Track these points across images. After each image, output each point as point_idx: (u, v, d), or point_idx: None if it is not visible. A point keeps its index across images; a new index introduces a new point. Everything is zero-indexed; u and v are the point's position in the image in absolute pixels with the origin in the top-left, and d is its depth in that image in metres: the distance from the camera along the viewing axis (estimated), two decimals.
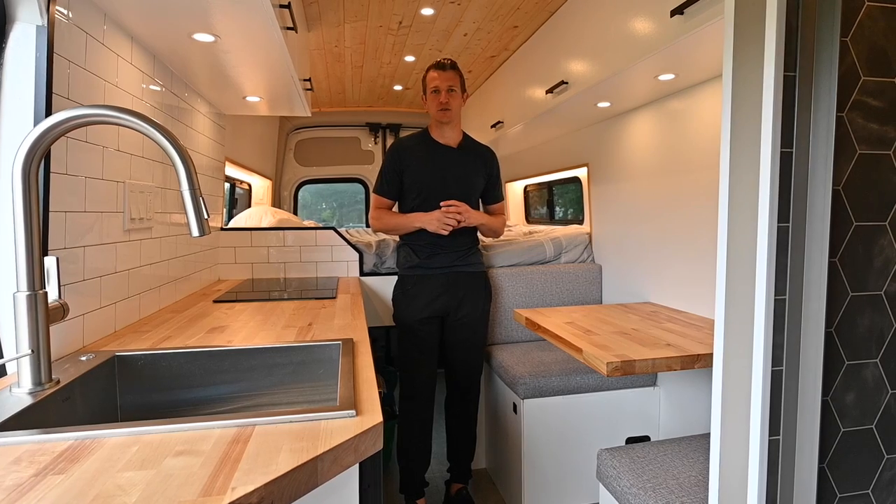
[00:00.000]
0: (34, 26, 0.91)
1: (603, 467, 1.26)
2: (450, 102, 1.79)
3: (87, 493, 0.52)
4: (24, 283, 0.76)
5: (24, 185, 0.75)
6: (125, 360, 1.00)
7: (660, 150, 1.92)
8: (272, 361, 1.08)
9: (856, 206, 0.69)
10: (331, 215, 4.66)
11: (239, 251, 2.16)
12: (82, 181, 1.05)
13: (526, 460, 1.76)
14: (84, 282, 1.06)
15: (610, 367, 1.22)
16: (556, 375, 1.78)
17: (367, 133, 4.25)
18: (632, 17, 1.52)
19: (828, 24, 0.64)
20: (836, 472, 0.70)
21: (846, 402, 0.70)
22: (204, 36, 1.31)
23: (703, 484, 1.11)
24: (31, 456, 0.60)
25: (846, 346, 0.70)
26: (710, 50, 1.37)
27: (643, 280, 2.04)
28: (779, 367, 0.68)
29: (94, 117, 0.77)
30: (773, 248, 0.66)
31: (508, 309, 2.19)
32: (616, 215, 2.24)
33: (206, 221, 0.83)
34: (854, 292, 0.70)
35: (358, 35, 2.48)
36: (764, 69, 0.66)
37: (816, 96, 0.65)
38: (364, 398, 0.78)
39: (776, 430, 0.67)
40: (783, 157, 0.66)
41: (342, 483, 0.69)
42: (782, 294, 0.67)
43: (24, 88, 0.91)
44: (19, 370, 0.78)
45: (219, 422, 0.68)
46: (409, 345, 1.83)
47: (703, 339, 1.42)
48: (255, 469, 0.57)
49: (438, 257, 1.84)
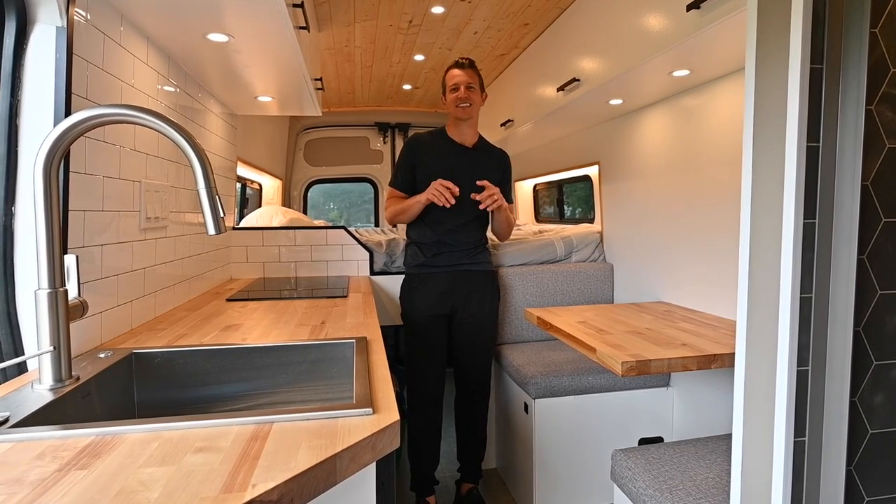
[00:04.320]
0: (54, 27, 0.92)
1: (618, 468, 1.24)
2: (470, 97, 1.79)
3: (111, 488, 0.52)
4: (45, 281, 0.77)
5: (45, 184, 0.76)
6: (142, 357, 1.01)
7: (673, 148, 1.90)
8: (286, 359, 1.08)
9: (885, 201, 0.67)
10: (339, 215, 4.67)
11: (251, 250, 2.18)
12: (100, 180, 1.06)
13: (537, 460, 1.75)
14: (101, 280, 1.07)
15: (625, 366, 1.21)
16: (568, 375, 1.77)
17: (377, 133, 4.26)
18: (646, 13, 1.50)
19: (856, 14, 0.62)
20: (863, 475, 0.69)
21: (874, 403, 0.68)
22: (218, 36, 1.32)
23: (721, 486, 1.09)
24: (54, 451, 0.60)
25: (874, 346, 0.68)
26: (727, 45, 1.35)
27: (656, 279, 2.02)
28: (804, 366, 0.66)
29: (112, 116, 0.77)
30: (799, 245, 0.64)
31: (518, 308, 2.18)
32: (628, 214, 2.22)
33: (222, 220, 0.84)
34: (883, 290, 0.68)
35: (368, 34, 2.49)
36: (790, 62, 0.64)
37: (844, 89, 0.63)
38: (380, 396, 0.78)
39: (802, 432, 0.66)
40: (809, 151, 0.64)
41: (360, 481, 0.69)
42: (808, 292, 0.66)
43: (44, 88, 0.92)
44: (40, 367, 0.79)
45: (237, 419, 0.68)
46: (416, 343, 1.83)
47: (719, 339, 1.40)
48: (274, 466, 0.57)
49: (444, 255, 1.83)
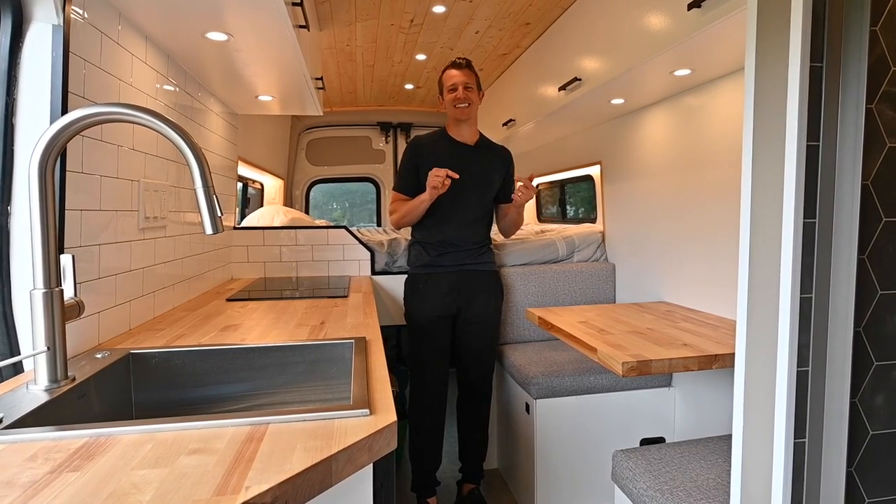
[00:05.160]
0: (50, 26, 0.92)
1: (618, 469, 1.24)
2: (468, 97, 1.79)
3: (102, 491, 0.52)
4: (40, 281, 0.77)
5: (40, 183, 0.75)
6: (139, 357, 1.01)
7: (675, 148, 1.89)
8: (285, 360, 1.08)
9: (885, 201, 0.67)
10: (341, 215, 4.67)
11: (251, 250, 2.18)
12: (97, 180, 1.06)
13: (539, 461, 1.74)
14: (99, 280, 1.07)
15: (626, 366, 1.20)
16: (569, 375, 1.76)
17: (379, 132, 4.25)
18: (647, 12, 1.49)
19: (857, 12, 0.62)
20: (864, 476, 0.68)
21: (875, 404, 0.67)
22: (217, 34, 1.32)
23: (722, 487, 1.08)
24: (46, 453, 0.60)
25: (875, 346, 0.67)
26: (728, 44, 1.34)
27: (658, 279, 2.01)
28: (804, 367, 0.66)
29: (109, 115, 0.77)
30: (799, 245, 0.63)
31: (520, 308, 2.18)
32: (630, 213, 2.21)
33: (220, 219, 0.83)
34: (883, 290, 0.67)
35: (369, 34, 2.48)
36: (789, 60, 0.64)
37: (844, 88, 0.63)
38: (378, 397, 0.77)
39: (802, 433, 0.65)
40: (809, 150, 0.64)
41: (356, 483, 0.69)
42: (808, 292, 0.65)
43: (40, 87, 0.92)
44: (35, 367, 0.78)
45: (232, 420, 0.68)
46: (420, 344, 1.83)
47: (720, 339, 1.39)
48: (269, 468, 0.57)
49: (449, 255, 1.83)
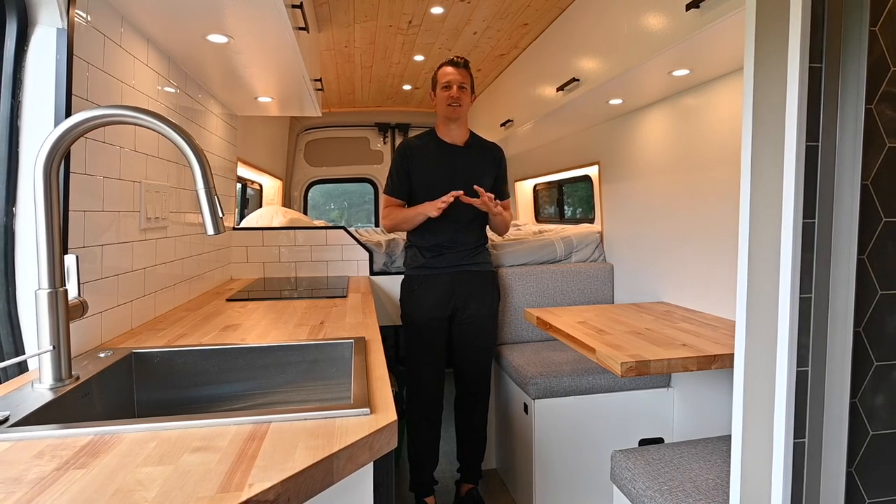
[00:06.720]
0: (54, 29, 0.93)
1: (617, 469, 1.24)
2: (461, 98, 1.79)
3: (108, 488, 0.52)
4: (45, 281, 0.77)
5: (45, 184, 0.76)
6: (142, 357, 1.01)
7: (673, 148, 1.89)
8: (285, 359, 1.08)
9: (885, 201, 0.67)
10: (339, 216, 4.67)
11: (251, 250, 2.18)
12: (100, 181, 1.06)
13: (537, 461, 1.74)
14: (102, 280, 1.07)
15: (624, 367, 1.20)
16: (568, 376, 1.76)
17: (377, 133, 4.26)
18: (645, 12, 1.50)
19: (856, 12, 0.62)
20: (864, 477, 0.68)
21: (875, 405, 0.68)
22: (217, 37, 1.32)
23: (721, 487, 1.09)
24: (52, 450, 0.60)
25: (875, 347, 0.68)
26: (727, 44, 1.35)
27: (656, 279, 2.02)
28: (804, 367, 0.66)
29: (112, 117, 0.77)
30: (799, 245, 0.64)
31: (518, 308, 2.18)
32: (628, 214, 2.21)
33: (221, 220, 0.83)
34: (883, 290, 0.68)
35: (368, 35, 2.49)
36: (788, 60, 0.64)
37: (844, 88, 0.63)
38: (378, 396, 0.78)
39: (801, 433, 0.66)
40: (809, 151, 0.64)
41: (357, 481, 0.69)
42: (808, 292, 0.65)
43: (45, 90, 0.92)
44: (40, 366, 0.79)
45: (235, 418, 0.68)
46: (417, 344, 1.83)
47: (719, 340, 1.39)
48: (271, 466, 0.57)
49: (444, 257, 1.83)
